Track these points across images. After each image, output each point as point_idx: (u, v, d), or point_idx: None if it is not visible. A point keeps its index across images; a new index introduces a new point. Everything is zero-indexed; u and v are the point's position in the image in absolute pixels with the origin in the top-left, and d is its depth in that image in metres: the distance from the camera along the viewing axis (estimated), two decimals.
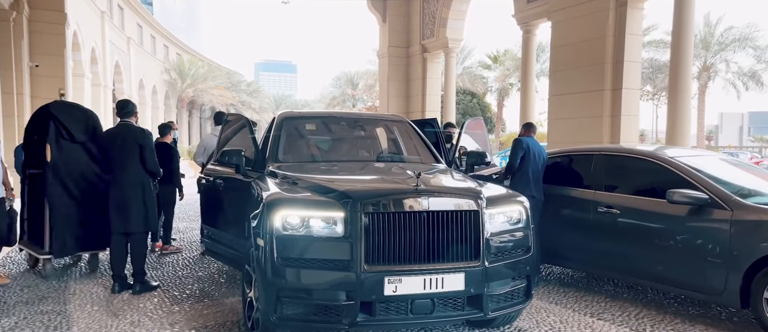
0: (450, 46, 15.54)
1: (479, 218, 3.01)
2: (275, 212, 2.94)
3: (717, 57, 26.90)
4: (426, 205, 2.94)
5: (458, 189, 3.27)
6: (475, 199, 3.08)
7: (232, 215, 4.33)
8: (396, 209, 2.91)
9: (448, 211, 2.97)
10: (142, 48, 34.71)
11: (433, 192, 3.04)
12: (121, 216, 4.51)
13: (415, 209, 2.92)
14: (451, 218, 2.97)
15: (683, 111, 9.13)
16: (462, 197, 3.10)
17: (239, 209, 4.11)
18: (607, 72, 9.83)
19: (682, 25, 9.07)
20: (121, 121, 4.71)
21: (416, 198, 2.94)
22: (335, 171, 3.88)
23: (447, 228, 2.95)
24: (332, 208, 2.95)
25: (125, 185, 4.51)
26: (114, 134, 4.63)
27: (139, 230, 4.63)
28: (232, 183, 4.33)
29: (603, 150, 4.61)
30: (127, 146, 4.53)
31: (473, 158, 4.46)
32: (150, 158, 4.59)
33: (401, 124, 4.85)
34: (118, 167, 4.54)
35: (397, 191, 3.06)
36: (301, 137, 4.49)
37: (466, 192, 3.17)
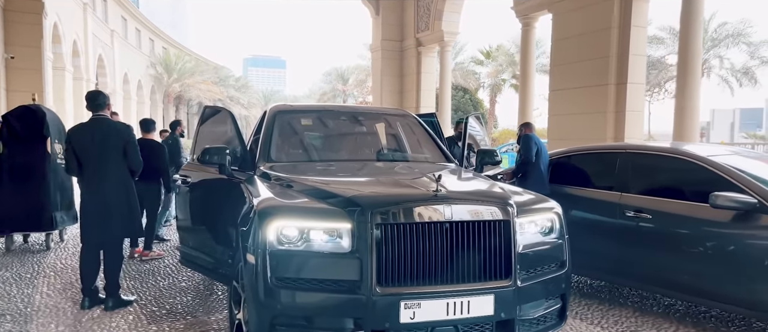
0: (446, 39, 15.10)
1: (510, 229, 2.56)
2: (269, 223, 2.47)
3: (710, 53, 26.79)
4: (448, 214, 2.48)
5: (484, 195, 2.81)
6: (505, 206, 2.62)
7: (214, 221, 3.84)
8: (413, 220, 2.46)
9: (474, 221, 2.52)
10: (126, 41, 33.81)
11: (456, 199, 2.57)
12: (99, 223, 3.96)
13: (435, 219, 2.47)
14: (477, 230, 2.51)
15: (692, 109, 8.81)
16: (489, 204, 2.64)
17: (224, 215, 3.63)
18: (612, 66, 9.47)
19: (690, 20, 8.75)
20: (93, 115, 4.13)
21: (437, 206, 2.48)
22: (337, 173, 3.41)
23: (473, 241, 2.50)
24: (337, 217, 2.48)
25: (107, 188, 3.97)
26: (88, 131, 4.04)
27: (119, 238, 4.13)
28: (214, 185, 3.85)
29: (629, 148, 4.18)
30: (108, 144, 3.99)
31: (484, 157, 4.01)
32: (135, 156, 4.09)
33: (406, 118, 4.39)
34: (95, 168, 3.97)
35: (414, 197, 2.60)
36: (297, 134, 3.99)
37: (493, 198, 2.72)
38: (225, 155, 3.56)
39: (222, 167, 3.61)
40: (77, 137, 4.05)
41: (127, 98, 33.37)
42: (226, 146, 3.65)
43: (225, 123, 4.12)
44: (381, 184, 3.05)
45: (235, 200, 3.38)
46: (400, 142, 4.19)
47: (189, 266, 4.31)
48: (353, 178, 3.24)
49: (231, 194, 3.52)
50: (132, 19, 35.71)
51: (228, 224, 3.52)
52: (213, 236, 3.85)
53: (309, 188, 2.85)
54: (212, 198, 3.89)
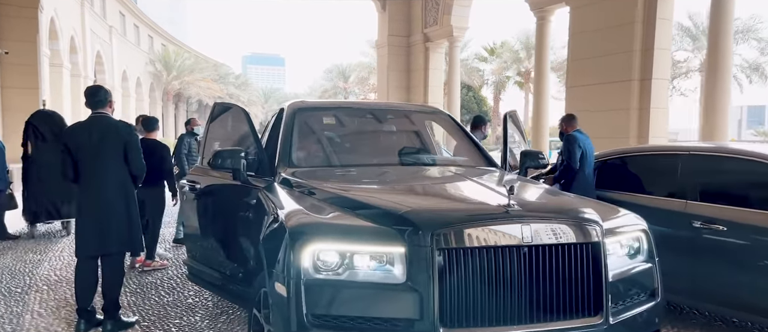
0: (455, 34, 14.63)
1: (599, 253, 2.10)
2: (304, 246, 2.01)
3: None
4: (527, 236, 2.01)
5: (566, 210, 2.31)
6: (592, 224, 2.14)
7: (228, 234, 3.39)
8: (485, 243, 1.99)
9: (557, 245, 2.05)
10: (125, 38, 33.28)
11: (534, 216, 2.12)
12: (94, 234, 3.49)
13: (511, 243, 2.01)
14: (561, 255, 2.05)
15: (722, 107, 8.40)
16: (574, 221, 2.15)
17: (239, 227, 3.18)
18: (636, 61, 9.04)
19: (720, 17, 8.31)
20: (93, 113, 3.64)
21: (513, 225, 2.03)
22: (374, 180, 2.95)
23: (556, 269, 2.03)
24: (386, 239, 2.02)
25: (104, 195, 3.50)
26: (85, 130, 3.55)
27: (119, 251, 3.65)
28: (227, 193, 3.39)
29: (693, 150, 3.72)
30: (107, 145, 3.51)
31: (528, 159, 3.54)
32: (137, 159, 3.61)
33: (439, 116, 3.93)
34: (92, 171, 3.50)
35: (484, 214, 2.14)
36: (319, 134, 3.52)
37: (578, 215, 2.23)
38: (240, 159, 3.11)
39: (236, 172, 3.15)
40: (73, 136, 3.56)
41: (125, 95, 32.86)
42: (240, 149, 3.20)
43: (238, 122, 3.65)
44: (436, 196, 2.56)
45: (253, 211, 2.94)
46: (434, 143, 3.73)
47: (197, 282, 3.85)
48: (398, 187, 2.78)
49: (248, 204, 3.08)
50: (130, 15, 35.17)
51: (244, 238, 3.07)
52: (226, 251, 3.40)
53: (345, 200, 2.39)
54: (225, 207, 3.43)
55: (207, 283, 3.68)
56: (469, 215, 2.14)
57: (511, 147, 3.65)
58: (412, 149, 3.62)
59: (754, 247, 3.21)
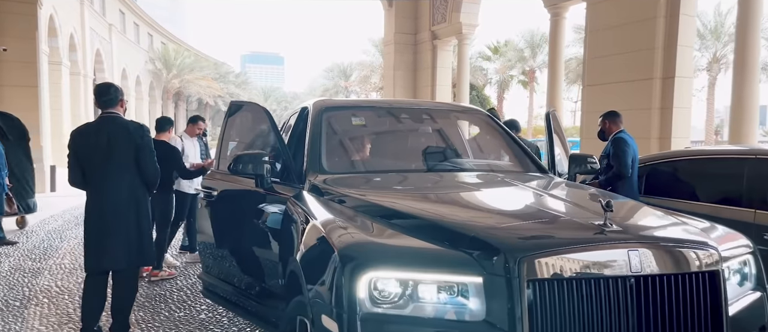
0: (464, 32, 14.29)
1: (719, 284, 1.76)
2: (359, 273, 1.67)
3: (727, 48, 26.02)
4: (635, 264, 1.65)
5: (678, 231, 1.92)
6: (709, 249, 1.79)
7: (249, 247, 3.05)
8: (584, 273, 1.64)
9: (671, 274, 1.70)
10: (124, 36, 32.90)
11: (642, 239, 1.75)
12: (101, 247, 3.18)
13: (616, 273, 1.65)
14: (675, 287, 1.69)
15: (750, 106, 8.09)
16: (688, 246, 1.78)
17: (263, 240, 2.85)
18: (658, 58, 8.72)
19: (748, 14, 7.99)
20: (103, 113, 3.31)
21: (616, 251, 1.68)
22: (422, 190, 2.60)
23: (669, 305, 1.67)
24: (460, 266, 1.66)
25: (113, 204, 3.18)
26: (93, 131, 3.23)
27: (129, 267, 3.30)
28: (250, 202, 3.06)
29: (760, 153, 3.39)
30: (117, 148, 3.18)
31: (578, 164, 3.20)
32: (149, 164, 3.27)
33: (477, 116, 3.59)
34: (101, 176, 3.19)
35: (582, 237, 1.76)
36: (350, 136, 3.18)
37: (692, 237, 1.85)
38: (263, 164, 2.78)
39: (260, 178, 2.82)
40: (81, 138, 3.24)
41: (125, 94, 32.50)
42: (263, 152, 2.86)
43: (258, 123, 3.32)
44: (511, 212, 2.17)
45: (281, 222, 2.61)
46: (482, 147, 3.39)
47: (213, 299, 3.51)
48: (456, 199, 2.42)
49: (274, 215, 2.75)
50: (130, 13, 34.78)
51: (270, 253, 2.74)
52: (247, 266, 3.06)
53: (396, 214, 2.05)
54: (246, 217, 3.09)
55: (224, 300, 3.35)
56: (567, 238, 1.77)
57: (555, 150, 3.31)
58: (454, 153, 3.27)
59: None
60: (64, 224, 8.23)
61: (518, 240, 1.74)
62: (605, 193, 2.46)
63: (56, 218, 8.90)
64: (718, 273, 1.75)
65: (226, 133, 3.59)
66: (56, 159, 16.47)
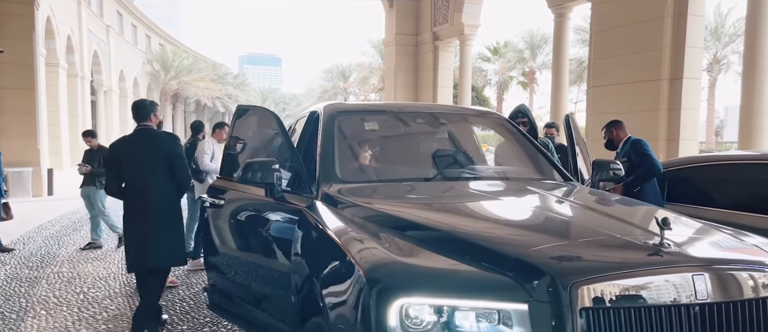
0: (466, 33, 14.17)
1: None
2: (390, 299, 1.50)
3: (728, 49, 25.97)
4: (701, 290, 1.49)
5: (739, 251, 1.76)
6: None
7: (258, 260, 2.90)
8: (643, 301, 1.47)
9: (737, 302, 1.53)
10: (122, 37, 32.69)
11: (705, 262, 1.58)
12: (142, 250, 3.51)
13: (679, 300, 1.48)
14: (742, 315, 1.52)
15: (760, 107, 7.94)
16: (752, 267, 1.61)
17: (273, 252, 2.70)
18: (665, 59, 8.60)
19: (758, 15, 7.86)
20: (138, 126, 3.65)
21: (677, 275, 1.52)
22: (449, 202, 2.44)
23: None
24: (502, 291, 1.50)
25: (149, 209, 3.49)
26: (129, 143, 3.61)
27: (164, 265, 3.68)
28: (259, 212, 2.91)
29: None
30: (152, 158, 3.53)
31: (601, 171, 3.05)
32: (181, 171, 3.61)
33: (494, 119, 3.44)
34: (138, 185, 3.52)
35: (638, 262, 1.56)
36: (365, 142, 3.02)
37: (755, 258, 1.68)
38: (273, 172, 2.63)
39: (270, 187, 2.68)
40: (119, 150, 3.60)
41: (122, 95, 32.25)
42: (273, 159, 2.71)
43: (266, 128, 3.17)
44: (552, 229, 1.98)
45: (294, 235, 2.45)
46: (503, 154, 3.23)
47: (220, 313, 3.35)
48: (488, 213, 2.25)
49: (285, 226, 2.60)
50: (128, 14, 34.56)
51: (281, 266, 2.58)
52: (256, 280, 2.91)
53: (424, 230, 1.90)
54: (255, 229, 2.94)
55: (231, 314, 3.19)
56: (623, 261, 1.60)
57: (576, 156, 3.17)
58: (472, 161, 3.11)
59: None
60: (61, 230, 8.06)
61: (568, 263, 1.58)
62: (653, 207, 2.30)
63: (54, 223, 8.73)
64: None
65: (233, 138, 3.44)
66: (53, 162, 16.27)
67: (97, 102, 27.93)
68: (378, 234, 1.93)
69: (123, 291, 4.81)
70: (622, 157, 4.24)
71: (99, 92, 27.95)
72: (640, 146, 4.17)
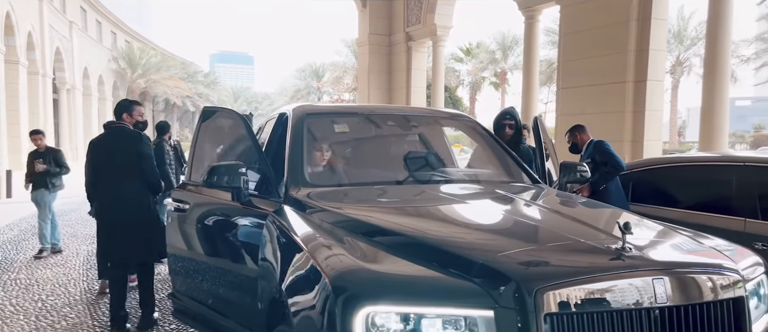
0: (438, 34, 14.24)
1: (744, 312, 1.64)
2: (355, 308, 1.47)
3: (690, 51, 26.90)
4: (660, 293, 1.51)
5: (700, 255, 1.79)
6: (732, 274, 1.67)
7: (224, 266, 2.83)
8: (606, 305, 1.48)
9: (696, 305, 1.56)
10: (86, 34, 31.66)
11: (665, 266, 1.61)
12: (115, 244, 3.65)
13: (640, 304, 1.50)
14: (700, 318, 1.55)
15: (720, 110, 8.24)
16: (713, 272, 1.65)
17: (240, 259, 2.64)
18: (630, 62, 8.82)
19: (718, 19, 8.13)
20: (113, 124, 3.79)
21: (639, 279, 1.53)
22: (418, 206, 2.43)
23: None
24: (468, 298, 1.49)
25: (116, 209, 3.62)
26: (101, 142, 3.74)
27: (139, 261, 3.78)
28: (225, 217, 2.84)
29: (750, 161, 3.36)
30: (120, 156, 3.63)
31: (569, 173, 3.10)
32: (148, 169, 3.68)
33: (464, 121, 3.44)
34: (108, 183, 3.64)
35: (600, 266, 1.58)
36: (334, 146, 2.98)
37: (715, 261, 1.72)
38: (240, 176, 2.58)
39: (237, 191, 2.62)
40: (92, 148, 3.73)
41: (86, 94, 31.26)
42: (240, 163, 2.65)
43: (233, 130, 3.09)
44: (519, 233, 1.98)
45: (261, 240, 2.40)
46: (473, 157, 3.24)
47: (185, 321, 3.26)
48: (456, 217, 2.24)
49: (252, 231, 2.54)
50: (92, 10, 33.50)
51: (248, 273, 2.53)
52: (223, 287, 2.83)
53: (392, 235, 1.88)
54: (221, 234, 2.87)
55: (197, 321, 3.11)
56: (586, 266, 1.61)
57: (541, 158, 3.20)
58: (443, 164, 3.10)
59: None
60: (20, 235, 7.73)
61: (532, 268, 1.58)
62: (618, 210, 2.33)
63: (12, 227, 8.37)
64: (743, 299, 1.65)
65: (200, 140, 3.35)
66: (13, 163, 15.62)
67: (60, 100, 26.99)
68: (346, 240, 1.90)
69: (83, 298, 4.64)
70: (587, 159, 4.34)
71: (61, 90, 27.00)
72: (603, 146, 4.30)
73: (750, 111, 69.09)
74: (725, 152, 6.87)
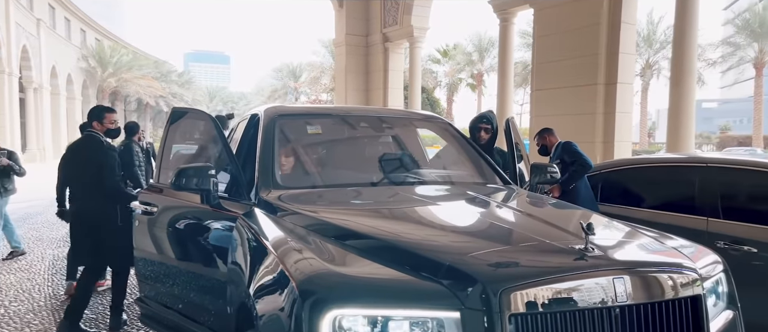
0: (415, 35, 14.29)
1: (701, 309, 1.69)
2: (322, 311, 1.46)
3: (659, 54, 27.64)
4: (621, 292, 1.55)
5: (659, 255, 1.83)
6: (690, 273, 1.71)
7: (193, 270, 2.79)
8: (570, 305, 1.51)
9: (655, 303, 1.60)
10: (54, 32, 30.78)
11: (625, 265, 1.65)
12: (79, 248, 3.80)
13: (600, 303, 1.53)
14: (659, 316, 1.60)
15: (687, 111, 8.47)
16: (671, 271, 1.69)
17: (209, 262, 2.60)
18: (601, 64, 9.01)
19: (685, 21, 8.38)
20: (83, 130, 3.90)
21: (600, 279, 1.56)
22: (388, 208, 2.42)
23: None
24: (434, 299, 1.50)
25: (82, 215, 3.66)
26: (69, 150, 3.85)
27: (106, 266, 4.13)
28: (194, 220, 2.80)
29: (712, 162, 3.46)
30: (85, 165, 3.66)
31: (539, 174, 3.15)
32: (108, 178, 3.62)
33: (438, 123, 3.46)
34: (75, 191, 3.76)
35: (565, 266, 1.61)
36: (306, 147, 2.95)
37: (673, 261, 1.76)
38: (209, 178, 2.54)
39: (206, 194, 2.58)
40: (67, 153, 3.85)
41: (55, 93, 30.39)
42: (209, 165, 2.61)
43: (203, 131, 3.05)
44: (487, 235, 2.01)
45: (230, 243, 2.38)
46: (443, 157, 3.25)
47: (153, 327, 3.19)
48: (425, 219, 2.25)
49: (222, 235, 2.51)
50: (61, 7, 32.59)
51: (217, 277, 2.49)
52: (192, 291, 2.78)
53: (361, 238, 1.87)
54: (190, 237, 2.82)
55: (165, 327, 3.05)
56: (550, 266, 1.64)
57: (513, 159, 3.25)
58: (416, 165, 3.12)
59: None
60: None
61: (497, 270, 1.60)
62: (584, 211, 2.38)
63: None
64: (700, 297, 1.70)
65: (169, 142, 3.29)
66: None
67: (27, 100, 26.16)
68: (315, 243, 1.89)
69: (48, 304, 4.50)
70: (556, 160, 4.42)
71: (28, 89, 26.18)
72: (571, 146, 4.39)
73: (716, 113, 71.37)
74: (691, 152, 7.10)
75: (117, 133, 3.92)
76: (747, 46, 27.11)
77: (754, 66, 27.45)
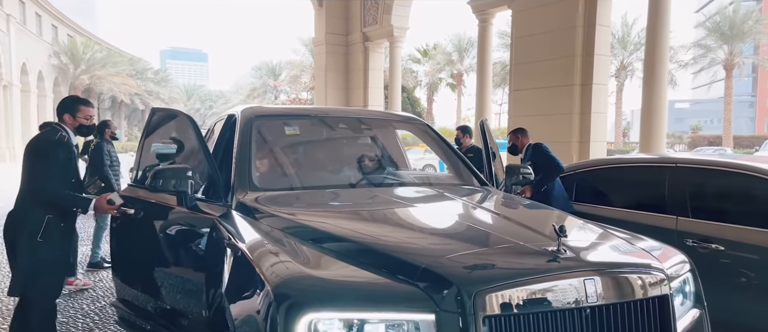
0: (395, 34, 14.31)
1: (668, 309, 1.74)
2: (297, 315, 1.47)
3: (633, 56, 28.25)
4: (591, 293, 1.59)
5: (628, 255, 1.88)
6: (658, 273, 1.77)
7: (170, 273, 2.75)
8: (543, 306, 1.55)
9: (624, 303, 1.65)
10: (24, 27, 29.90)
11: (596, 266, 1.69)
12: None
13: (573, 304, 1.57)
14: (628, 315, 1.65)
15: (659, 111, 8.69)
16: (639, 270, 1.75)
17: (185, 265, 2.57)
18: (577, 65, 9.16)
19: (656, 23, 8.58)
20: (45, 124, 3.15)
21: (572, 280, 1.59)
22: (366, 210, 2.43)
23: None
24: (410, 302, 1.52)
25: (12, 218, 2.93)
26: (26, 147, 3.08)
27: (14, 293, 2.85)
28: (171, 222, 2.76)
29: (681, 162, 3.56)
30: (27, 159, 2.94)
31: (513, 175, 3.20)
32: (49, 179, 2.84)
33: (416, 125, 3.48)
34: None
35: (538, 267, 1.65)
36: (284, 148, 2.94)
37: (642, 261, 1.81)
38: (186, 180, 2.51)
39: (183, 195, 2.55)
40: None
41: (25, 90, 29.54)
42: (186, 166, 2.58)
43: (181, 132, 3.01)
44: (462, 236, 2.04)
45: (207, 246, 2.36)
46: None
47: (130, 330, 3.13)
48: (402, 221, 2.26)
49: (198, 237, 2.48)
50: (31, 2, 31.68)
51: (193, 279, 2.46)
52: (168, 294, 2.75)
53: (337, 240, 1.88)
54: (166, 239, 2.78)
55: (142, 330, 3.00)
56: (522, 268, 1.67)
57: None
58: (395, 166, 3.14)
59: (758, 268, 3.05)
60: None
61: (471, 272, 1.62)
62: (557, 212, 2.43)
63: None
64: (667, 297, 1.75)
65: (147, 144, 3.24)
66: None
67: None
68: (291, 246, 1.88)
69: None
70: (528, 161, 4.50)
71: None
72: (542, 148, 4.46)
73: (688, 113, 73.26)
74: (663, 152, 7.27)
75: (90, 130, 3.24)
76: (718, 48, 27.94)
77: (724, 67, 28.32)
